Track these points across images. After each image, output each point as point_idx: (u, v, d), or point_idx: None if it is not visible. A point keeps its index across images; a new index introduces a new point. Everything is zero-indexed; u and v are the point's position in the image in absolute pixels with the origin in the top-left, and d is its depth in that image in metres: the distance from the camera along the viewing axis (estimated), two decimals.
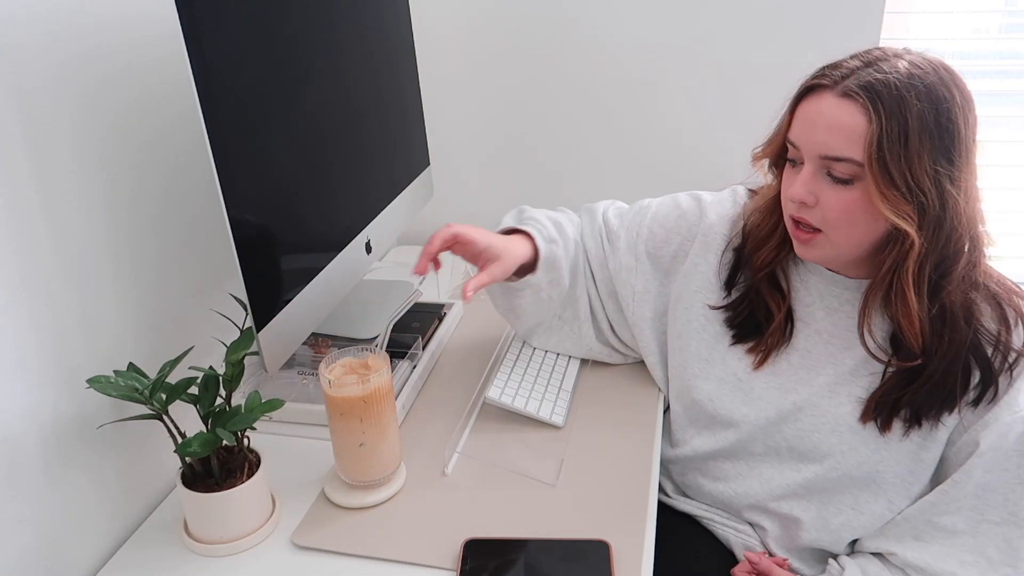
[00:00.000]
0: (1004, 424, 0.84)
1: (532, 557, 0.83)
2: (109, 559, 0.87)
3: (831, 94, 0.81)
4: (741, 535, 1.00)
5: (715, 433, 1.02)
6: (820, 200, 0.84)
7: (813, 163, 0.83)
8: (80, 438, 0.84)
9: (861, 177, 0.80)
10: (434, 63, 1.57)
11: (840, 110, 0.80)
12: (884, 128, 0.77)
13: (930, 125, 0.78)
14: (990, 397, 0.86)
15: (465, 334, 1.30)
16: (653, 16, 1.47)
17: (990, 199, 0.87)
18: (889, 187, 0.78)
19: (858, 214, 0.82)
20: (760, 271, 0.97)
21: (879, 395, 0.90)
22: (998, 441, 0.85)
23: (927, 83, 0.78)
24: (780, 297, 0.96)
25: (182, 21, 0.72)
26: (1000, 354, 0.85)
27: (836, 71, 0.82)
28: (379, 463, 0.91)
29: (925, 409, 0.88)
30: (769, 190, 0.96)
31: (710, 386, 1.01)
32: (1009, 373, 0.85)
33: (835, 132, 0.80)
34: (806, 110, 0.84)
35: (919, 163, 0.78)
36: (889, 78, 0.78)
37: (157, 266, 0.96)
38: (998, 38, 1.43)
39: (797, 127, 0.85)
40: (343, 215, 1.08)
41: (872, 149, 0.77)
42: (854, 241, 0.85)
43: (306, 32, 0.96)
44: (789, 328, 0.97)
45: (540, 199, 1.67)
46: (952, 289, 0.83)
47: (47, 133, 0.78)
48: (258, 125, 0.86)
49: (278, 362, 0.90)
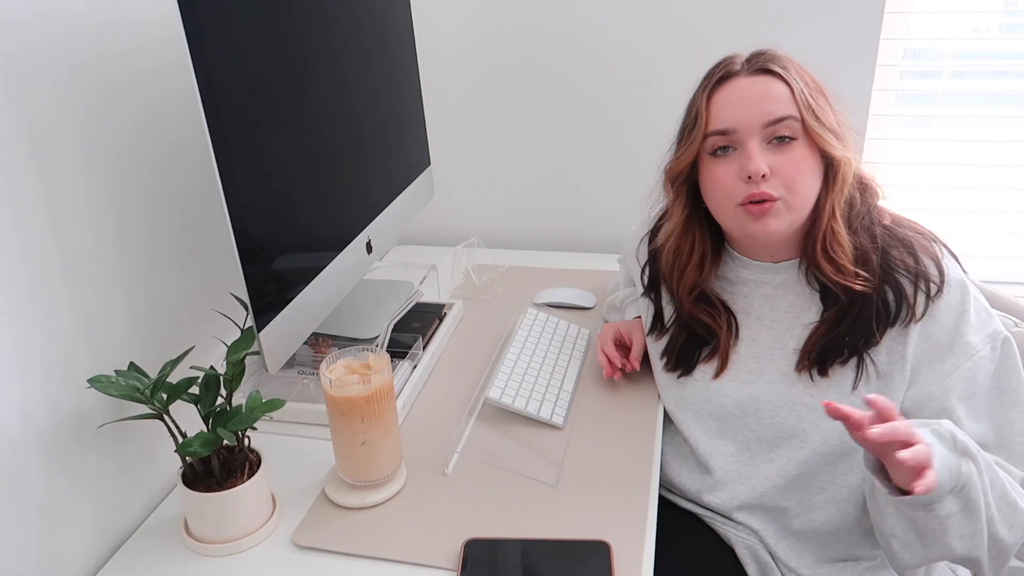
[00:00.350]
0: (967, 371, 0.89)
1: (532, 557, 0.83)
2: (109, 559, 0.87)
3: (744, 76, 0.92)
4: (741, 534, 1.00)
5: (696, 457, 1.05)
6: (773, 169, 0.90)
7: (755, 137, 0.90)
8: (80, 438, 0.85)
9: (797, 135, 0.90)
10: (435, 63, 1.57)
11: (763, 83, 0.91)
12: (800, 87, 0.90)
13: (816, 84, 0.93)
14: (907, 317, 0.91)
15: (465, 334, 1.30)
16: (653, 17, 1.47)
17: (990, 199, 0.89)
18: (823, 128, 0.90)
19: (806, 167, 0.90)
20: (689, 296, 1.02)
21: (810, 343, 0.95)
22: (968, 388, 0.89)
23: (790, 58, 0.94)
24: (714, 309, 1.02)
25: (185, 25, 0.72)
26: (912, 281, 0.91)
27: (732, 64, 0.94)
28: (380, 463, 0.91)
29: (852, 342, 0.92)
30: (675, 213, 1.01)
31: (670, 394, 1.07)
32: (926, 296, 0.90)
33: (769, 99, 0.90)
34: (729, 95, 0.92)
35: (829, 110, 0.92)
36: (776, 56, 0.93)
37: (158, 266, 0.96)
38: (998, 38, 1.43)
39: (725, 112, 0.92)
40: (344, 215, 1.08)
41: (802, 102, 0.90)
42: (805, 200, 0.92)
43: (307, 34, 0.96)
44: (734, 324, 1.02)
45: (540, 199, 1.68)
46: (859, 226, 0.93)
47: (49, 134, 0.78)
48: (260, 126, 0.86)
49: (279, 362, 0.90)
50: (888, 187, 0.97)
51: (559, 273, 1.52)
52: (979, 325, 0.90)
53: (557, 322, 1.27)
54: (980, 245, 1.54)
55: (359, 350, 0.91)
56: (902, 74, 1.48)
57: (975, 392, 0.89)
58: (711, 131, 0.92)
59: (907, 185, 1.53)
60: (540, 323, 1.25)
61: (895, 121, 1.52)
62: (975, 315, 0.90)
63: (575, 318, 1.32)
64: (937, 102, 1.48)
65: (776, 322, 0.99)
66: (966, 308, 0.90)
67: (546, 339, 1.22)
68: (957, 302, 0.90)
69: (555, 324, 1.26)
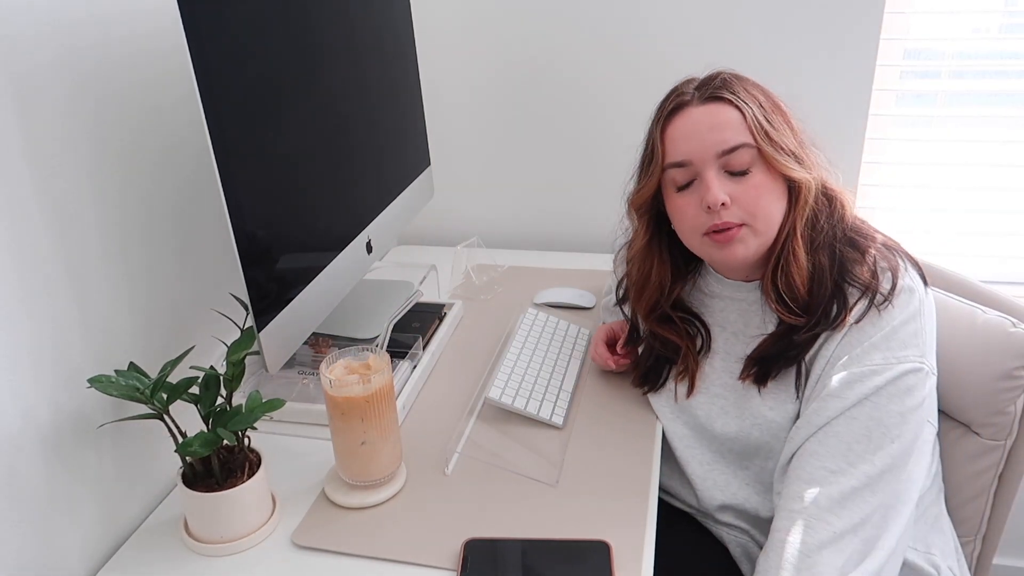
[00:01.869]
0: (851, 373, 0.86)
1: (532, 557, 0.83)
2: (109, 559, 0.87)
3: (695, 105, 0.91)
4: (733, 533, 1.01)
5: None
6: (733, 197, 0.89)
7: (712, 167, 0.90)
8: (80, 438, 0.85)
9: (754, 161, 0.89)
10: (435, 63, 1.57)
11: (714, 111, 0.90)
12: (752, 111, 0.89)
13: (771, 102, 0.92)
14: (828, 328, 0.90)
15: (465, 334, 1.30)
16: (653, 18, 1.47)
17: (990, 199, 0.89)
18: (780, 152, 0.89)
19: (766, 193, 0.90)
20: (649, 316, 1.04)
21: (756, 354, 0.96)
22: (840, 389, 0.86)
23: (742, 78, 0.93)
24: (679, 325, 1.03)
25: (185, 25, 0.72)
26: (860, 291, 0.89)
27: (683, 94, 0.93)
28: (380, 463, 0.91)
29: (791, 352, 0.92)
30: (637, 239, 1.03)
31: (653, 399, 1.09)
32: (869, 304, 0.88)
33: (722, 129, 0.89)
34: (682, 127, 0.92)
35: (786, 130, 0.91)
36: (726, 80, 0.92)
37: (158, 266, 0.96)
38: (998, 38, 1.43)
39: (680, 144, 0.91)
40: (344, 215, 1.08)
41: (755, 128, 0.89)
42: (769, 223, 0.91)
43: (307, 35, 0.96)
44: (707, 336, 1.02)
45: (540, 199, 1.68)
46: (821, 243, 0.91)
47: (48, 134, 0.78)
48: (260, 127, 0.86)
49: (279, 362, 0.90)
50: (888, 187, 0.98)
51: (559, 273, 1.52)
52: (893, 347, 0.86)
53: (557, 322, 1.27)
54: (980, 245, 1.54)
55: (359, 350, 0.91)
56: (902, 74, 1.48)
57: (843, 394, 0.85)
58: (668, 163, 0.93)
59: (907, 185, 1.53)
60: (540, 323, 1.25)
61: (895, 121, 1.52)
62: (902, 337, 0.87)
63: (575, 318, 1.32)
64: (937, 102, 1.48)
65: (751, 338, 0.98)
66: (895, 327, 0.87)
67: (546, 339, 1.22)
68: (891, 319, 0.87)
69: (555, 324, 1.26)
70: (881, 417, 0.83)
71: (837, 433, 0.84)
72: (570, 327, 1.27)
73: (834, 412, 0.85)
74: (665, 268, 1.01)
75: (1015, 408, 1.02)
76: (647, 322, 1.05)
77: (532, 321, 1.25)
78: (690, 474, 1.02)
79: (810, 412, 0.88)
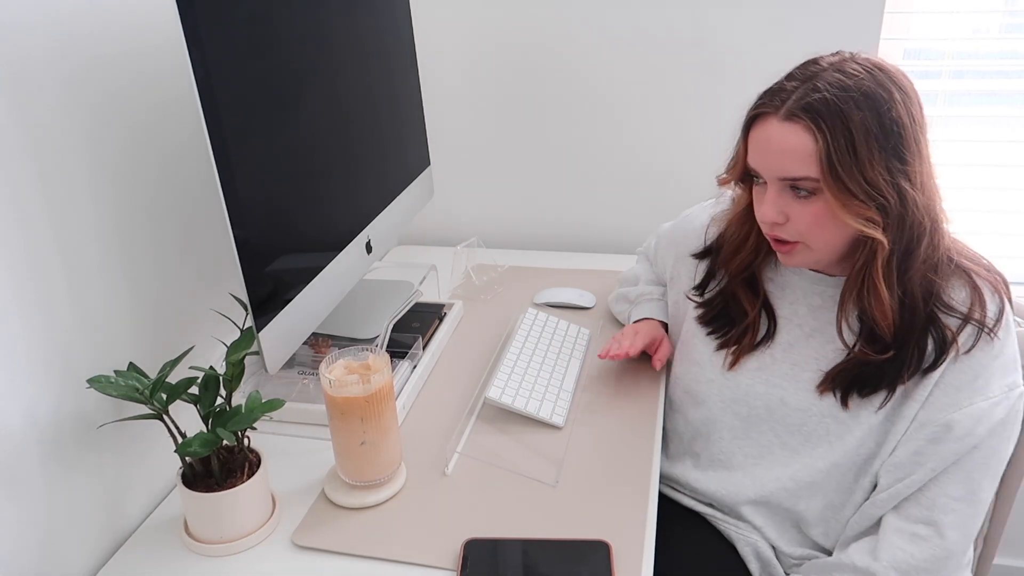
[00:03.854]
0: (976, 410, 0.86)
1: (532, 557, 0.83)
2: (109, 559, 0.87)
3: (775, 119, 0.84)
4: (742, 531, 1.01)
5: (687, 413, 1.06)
6: (789, 216, 0.87)
7: (775, 184, 0.87)
8: (80, 438, 0.85)
9: (822, 189, 0.83)
10: (435, 64, 1.57)
11: (787, 133, 0.83)
12: (831, 143, 0.80)
13: (874, 130, 0.81)
14: (932, 366, 0.88)
15: (465, 334, 1.30)
16: (652, 18, 1.47)
17: (990, 199, 0.89)
18: (847, 196, 0.82)
19: (826, 222, 0.85)
20: (737, 275, 1.02)
21: (835, 371, 0.93)
22: (970, 428, 0.87)
23: (863, 90, 0.81)
24: (754, 298, 1.01)
25: (184, 27, 0.72)
26: (962, 320, 0.88)
27: (776, 97, 0.85)
28: (379, 463, 0.91)
29: (880, 381, 0.90)
30: (740, 201, 1.00)
31: (684, 367, 1.08)
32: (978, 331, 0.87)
33: (787, 155, 0.83)
34: (756, 138, 0.87)
35: (871, 168, 0.81)
36: (826, 95, 0.81)
37: (158, 266, 0.96)
38: (998, 38, 1.43)
39: (753, 154, 0.89)
40: (344, 215, 1.08)
41: (824, 165, 0.81)
42: (831, 245, 0.89)
43: (307, 35, 0.96)
44: (773, 326, 1.00)
45: (540, 199, 1.68)
46: (914, 275, 0.87)
47: (50, 136, 0.78)
48: (259, 126, 0.86)
49: (278, 362, 0.90)
50: None
51: (559, 273, 1.52)
52: (1004, 372, 0.88)
53: (557, 322, 1.27)
54: (980, 245, 1.54)
55: (359, 350, 0.91)
56: None
57: (975, 430, 0.87)
58: (747, 165, 0.91)
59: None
60: (540, 323, 1.25)
61: None
62: (1008, 359, 0.89)
63: (575, 318, 1.32)
64: (937, 102, 1.48)
65: (817, 332, 0.96)
66: (1004, 351, 0.88)
67: (546, 339, 1.22)
68: (1000, 343, 0.88)
69: (555, 324, 1.26)
70: (997, 446, 0.88)
71: (959, 462, 0.88)
72: (570, 327, 1.27)
73: (965, 449, 0.87)
74: (763, 236, 0.97)
75: None
76: (733, 281, 1.03)
77: (532, 321, 1.25)
78: (732, 465, 1.01)
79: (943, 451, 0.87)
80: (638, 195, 1.63)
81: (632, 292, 1.28)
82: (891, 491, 0.91)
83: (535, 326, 1.24)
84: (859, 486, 0.95)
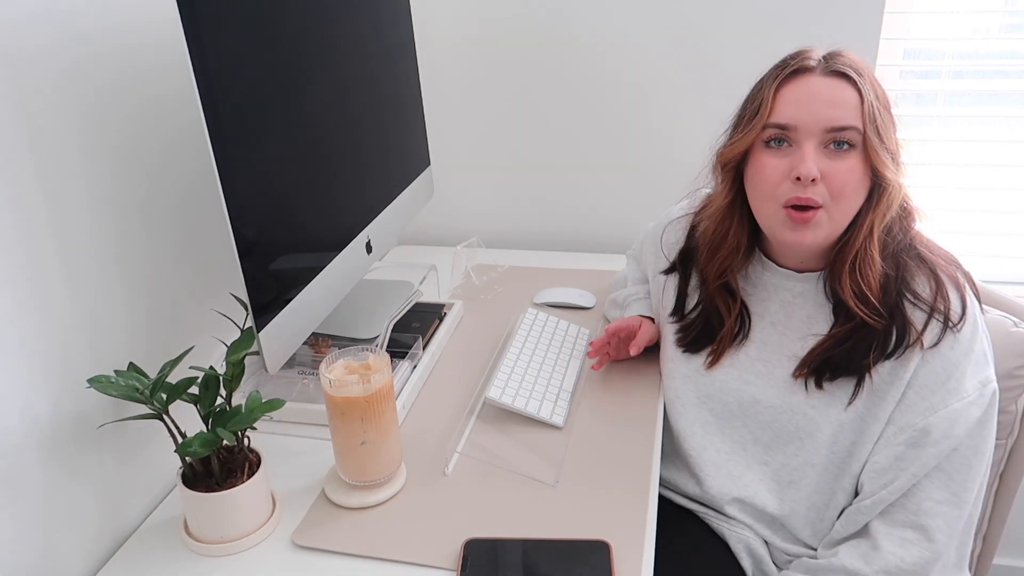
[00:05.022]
0: (952, 411, 0.88)
1: (532, 557, 0.83)
2: (109, 559, 0.87)
3: (818, 75, 0.89)
4: (735, 528, 1.01)
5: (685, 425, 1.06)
6: (824, 174, 0.88)
7: (814, 139, 0.88)
8: (80, 438, 0.85)
9: (857, 145, 0.88)
10: (435, 64, 1.57)
11: (835, 86, 0.88)
12: (871, 99, 0.88)
13: (886, 103, 0.91)
14: (915, 344, 0.90)
15: (465, 334, 1.30)
16: (652, 18, 1.47)
17: (990, 199, 0.90)
18: (882, 148, 0.88)
19: (856, 181, 0.89)
20: (716, 280, 1.02)
21: (812, 354, 0.95)
22: (947, 430, 0.88)
23: (870, 72, 0.91)
24: (732, 301, 1.02)
25: (184, 24, 0.72)
26: (927, 312, 0.90)
27: (808, 58, 0.91)
28: (379, 463, 0.91)
29: (853, 361, 0.92)
30: (718, 197, 1.00)
31: (675, 383, 1.08)
32: (942, 326, 0.89)
33: (837, 105, 0.88)
34: (797, 91, 0.89)
35: (893, 131, 0.91)
36: (856, 63, 0.90)
37: (158, 266, 0.96)
38: (998, 38, 1.43)
39: (790, 108, 0.89)
40: (343, 215, 1.08)
41: (867, 117, 0.88)
42: (846, 215, 0.91)
43: (307, 34, 0.96)
44: (747, 324, 1.02)
45: (540, 199, 1.68)
46: (889, 253, 0.92)
47: (50, 134, 0.78)
48: (259, 126, 0.86)
49: (279, 362, 0.90)
50: None
51: (559, 273, 1.52)
52: (976, 369, 0.89)
53: (557, 322, 1.27)
54: (980, 245, 1.54)
55: (359, 350, 0.91)
56: (902, 74, 1.48)
57: (949, 438, 0.89)
58: (771, 123, 0.90)
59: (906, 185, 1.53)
60: (540, 323, 1.25)
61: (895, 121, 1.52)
62: (978, 356, 0.90)
63: (575, 318, 1.32)
64: (937, 102, 1.48)
65: (789, 329, 0.99)
66: (972, 348, 0.89)
67: (546, 339, 1.22)
68: (967, 339, 0.89)
69: (555, 324, 1.26)
70: (977, 445, 0.89)
71: (940, 465, 0.90)
72: (570, 327, 1.27)
73: (945, 452, 0.89)
74: (743, 232, 0.99)
75: (1016, 407, 1.03)
76: (713, 285, 1.03)
77: (532, 321, 1.25)
78: (704, 462, 1.02)
79: (924, 456, 0.89)
80: (638, 195, 1.63)
81: (620, 296, 1.28)
82: (875, 498, 0.91)
83: (535, 326, 1.24)
84: (840, 487, 0.96)
